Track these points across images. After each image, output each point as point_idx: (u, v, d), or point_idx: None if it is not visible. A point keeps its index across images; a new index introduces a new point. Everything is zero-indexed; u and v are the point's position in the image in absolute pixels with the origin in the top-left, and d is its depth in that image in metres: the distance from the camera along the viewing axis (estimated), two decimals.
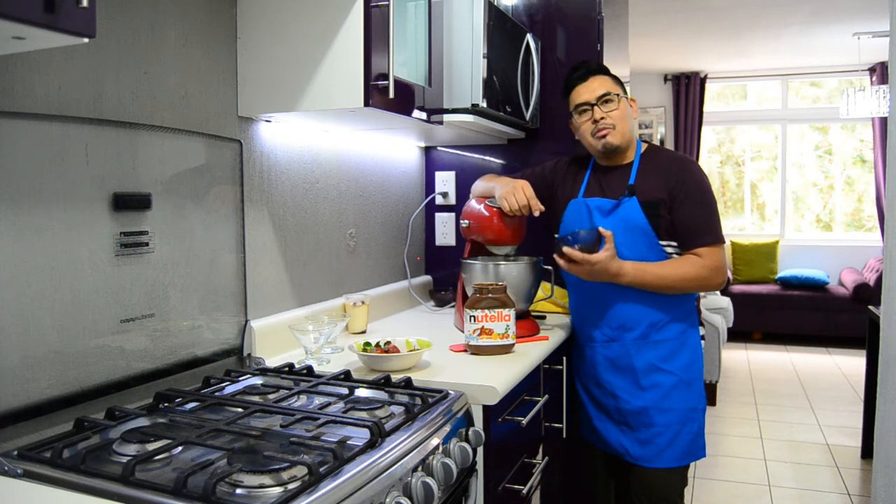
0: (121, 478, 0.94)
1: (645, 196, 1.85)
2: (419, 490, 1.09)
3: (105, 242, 1.26)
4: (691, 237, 1.83)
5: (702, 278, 1.82)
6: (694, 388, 1.90)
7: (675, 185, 1.84)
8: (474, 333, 1.71)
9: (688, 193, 1.83)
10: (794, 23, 5.04)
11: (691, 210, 1.83)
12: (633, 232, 1.84)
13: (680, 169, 1.87)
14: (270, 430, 1.13)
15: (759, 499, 3.05)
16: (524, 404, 1.68)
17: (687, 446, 1.88)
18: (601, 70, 1.95)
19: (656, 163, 1.90)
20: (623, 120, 1.89)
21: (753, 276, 6.58)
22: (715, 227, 1.85)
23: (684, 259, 1.84)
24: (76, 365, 1.21)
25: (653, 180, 1.86)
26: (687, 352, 1.90)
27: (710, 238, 1.83)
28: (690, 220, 1.83)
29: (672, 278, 1.81)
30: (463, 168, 2.62)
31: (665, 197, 1.84)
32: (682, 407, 1.88)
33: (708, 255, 1.82)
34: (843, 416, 4.13)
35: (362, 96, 1.53)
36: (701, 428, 1.91)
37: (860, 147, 6.93)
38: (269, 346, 1.70)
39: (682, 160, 1.93)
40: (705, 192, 1.86)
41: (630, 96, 1.98)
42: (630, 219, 1.84)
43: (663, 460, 1.87)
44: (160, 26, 1.43)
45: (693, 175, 1.86)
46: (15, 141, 1.11)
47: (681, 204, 1.83)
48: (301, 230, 1.92)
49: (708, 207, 1.85)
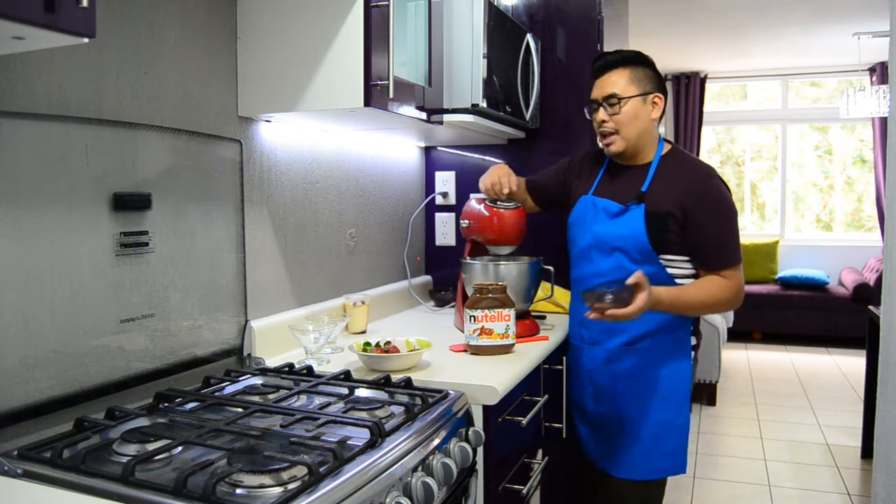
0: (121, 478, 0.94)
1: (654, 206, 1.73)
2: (419, 490, 1.09)
3: (105, 242, 1.26)
4: (715, 258, 1.74)
5: (728, 301, 1.74)
6: (671, 402, 1.79)
7: (694, 202, 1.71)
8: (474, 333, 1.71)
9: (710, 212, 1.71)
10: (794, 23, 5.04)
11: (714, 230, 1.72)
12: (631, 241, 1.75)
13: (699, 183, 1.73)
14: (270, 430, 1.13)
15: (759, 499, 3.05)
16: (524, 404, 1.68)
17: (658, 460, 1.79)
18: (624, 62, 1.79)
19: (675, 171, 1.77)
20: (629, 125, 1.76)
21: (753, 276, 6.57)
22: (737, 248, 1.75)
23: (712, 282, 1.73)
24: (76, 365, 1.21)
25: (667, 190, 1.74)
26: (671, 363, 1.80)
27: (735, 259, 1.74)
28: (713, 240, 1.72)
29: (704, 303, 1.73)
30: (463, 168, 2.62)
31: (677, 212, 1.72)
32: (656, 419, 1.79)
33: (732, 277, 1.74)
34: (843, 416, 4.13)
35: (362, 96, 1.53)
36: (678, 444, 1.80)
37: (860, 147, 6.92)
38: (269, 346, 1.70)
39: (703, 172, 1.77)
40: (727, 210, 1.74)
41: (655, 94, 1.79)
42: (633, 227, 1.75)
43: (632, 471, 1.80)
44: (160, 26, 1.43)
45: (714, 191, 1.73)
46: (15, 141, 1.11)
47: (701, 223, 1.71)
48: (301, 230, 1.92)
49: (730, 227, 1.74)
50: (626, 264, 1.75)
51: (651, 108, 1.78)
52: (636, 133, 1.78)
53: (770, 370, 5.30)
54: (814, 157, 7.06)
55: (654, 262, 1.75)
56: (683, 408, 1.82)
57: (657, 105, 1.79)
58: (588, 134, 2.46)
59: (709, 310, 1.76)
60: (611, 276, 1.77)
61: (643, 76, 1.78)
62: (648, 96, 1.78)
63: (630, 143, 1.79)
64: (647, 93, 1.77)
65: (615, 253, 1.77)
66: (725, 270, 1.73)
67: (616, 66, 1.79)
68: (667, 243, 1.73)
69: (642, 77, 1.78)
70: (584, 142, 2.45)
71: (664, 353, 1.80)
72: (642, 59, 1.80)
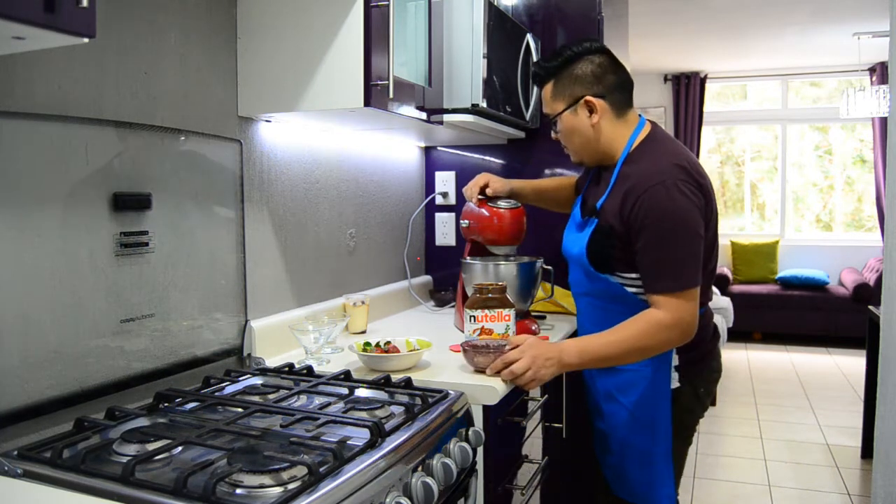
0: (121, 478, 0.94)
1: (603, 220, 1.56)
2: (419, 490, 1.09)
3: (105, 242, 1.26)
4: (650, 279, 1.51)
5: (654, 337, 1.49)
6: (650, 430, 1.62)
7: (630, 211, 1.50)
8: (474, 333, 1.71)
9: (646, 224, 1.48)
10: (794, 23, 5.04)
11: (647, 244, 1.49)
12: (579, 257, 1.63)
13: (640, 188, 1.49)
14: (270, 430, 1.13)
15: (759, 499, 3.05)
16: (524, 404, 1.68)
17: (639, 486, 1.66)
18: (546, 75, 1.65)
19: (631, 175, 1.54)
20: (569, 140, 1.65)
21: (753, 276, 6.58)
22: (681, 269, 1.48)
23: (633, 320, 1.52)
24: (76, 365, 1.21)
25: (614, 200, 1.55)
26: (648, 389, 1.61)
27: (669, 284, 1.48)
28: (647, 257, 1.50)
29: (624, 349, 1.50)
30: (463, 168, 2.62)
31: (618, 225, 1.52)
32: (632, 444, 1.64)
33: (665, 306, 1.48)
34: (843, 416, 4.13)
35: (362, 96, 1.53)
36: (660, 476, 1.62)
37: (860, 147, 6.93)
38: (269, 346, 1.70)
39: (648, 176, 1.50)
40: (670, 222, 1.47)
41: (585, 98, 1.59)
42: (581, 244, 1.62)
43: (619, 489, 1.72)
44: (160, 26, 1.43)
45: (656, 198, 1.47)
46: (15, 141, 1.11)
47: (637, 236, 1.50)
48: (301, 230, 1.92)
49: (671, 242, 1.47)
50: (583, 279, 1.67)
51: (586, 114, 1.60)
52: (578, 146, 1.65)
53: (770, 370, 5.30)
54: (814, 157, 7.06)
55: (603, 280, 1.60)
56: (664, 439, 1.62)
57: (594, 108, 1.59)
58: None
59: (636, 355, 1.53)
60: (578, 287, 1.72)
61: (568, 82, 1.60)
62: (577, 105, 1.60)
63: (581, 156, 1.69)
64: (574, 101, 1.60)
65: (577, 265, 1.69)
66: (660, 296, 1.49)
67: (541, 82, 1.67)
68: (613, 259, 1.56)
69: (567, 84, 1.61)
70: None
71: (640, 376, 1.62)
72: (569, 59, 1.60)
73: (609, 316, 1.60)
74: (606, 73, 1.60)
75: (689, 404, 1.67)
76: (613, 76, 1.61)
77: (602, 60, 1.61)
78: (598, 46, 1.63)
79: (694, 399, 1.68)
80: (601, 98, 1.59)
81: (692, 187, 1.50)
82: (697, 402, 1.70)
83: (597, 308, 1.68)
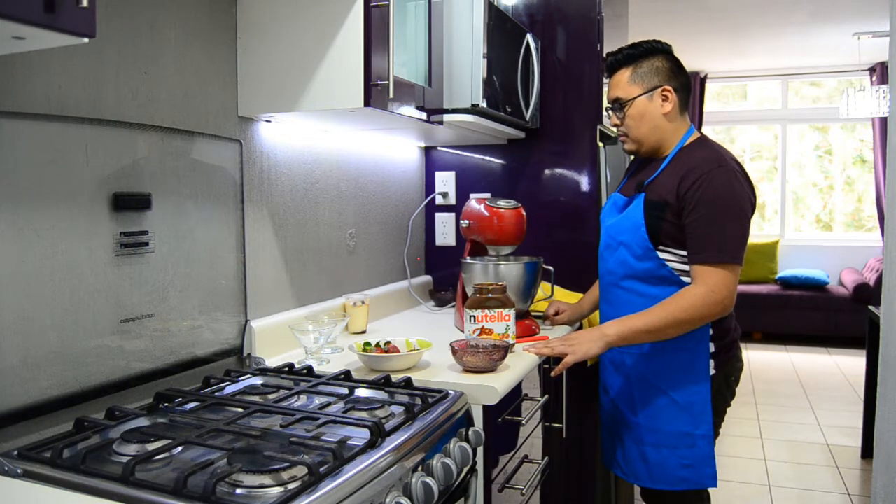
0: (121, 478, 0.94)
1: (653, 195, 1.69)
2: (419, 490, 1.09)
3: (105, 242, 1.26)
4: (696, 249, 1.63)
5: (696, 313, 1.60)
6: (689, 413, 1.71)
7: (688, 187, 1.63)
8: (474, 333, 1.71)
9: (701, 197, 1.61)
10: (794, 23, 5.04)
11: (700, 216, 1.61)
12: (631, 232, 1.72)
13: (700, 169, 1.63)
14: (270, 430, 1.13)
15: (759, 499, 3.05)
16: (524, 404, 1.68)
17: (681, 471, 1.72)
18: (626, 60, 1.75)
19: (685, 160, 1.69)
20: (636, 126, 1.75)
21: (753, 276, 6.57)
22: (726, 245, 1.60)
23: (672, 297, 1.63)
24: (76, 365, 1.21)
25: (669, 179, 1.68)
26: (688, 373, 1.71)
27: (718, 256, 1.59)
28: (697, 228, 1.62)
29: (662, 321, 1.60)
30: (463, 168, 2.62)
31: (672, 198, 1.65)
32: (672, 430, 1.72)
33: (709, 277, 1.59)
34: (843, 416, 4.13)
35: (362, 96, 1.53)
36: (703, 456, 1.71)
37: (860, 147, 6.93)
38: (269, 346, 1.70)
39: (709, 161, 1.65)
40: (724, 200, 1.61)
41: (663, 87, 1.72)
42: (633, 217, 1.71)
43: (654, 480, 1.76)
44: (160, 26, 1.43)
45: (713, 178, 1.61)
46: (15, 141, 1.10)
47: (690, 208, 1.62)
48: (301, 230, 1.92)
49: (722, 219, 1.61)
50: (629, 260, 1.74)
51: (660, 102, 1.73)
52: (645, 132, 1.75)
53: (770, 370, 5.30)
54: (814, 157, 7.06)
55: (653, 257, 1.70)
56: (705, 419, 1.71)
57: (668, 97, 1.72)
58: (588, 134, 2.46)
59: (674, 328, 1.62)
60: (617, 272, 1.79)
61: (648, 71, 1.73)
62: (655, 92, 1.73)
63: (642, 143, 1.77)
64: (652, 88, 1.73)
65: (620, 248, 1.77)
66: (704, 266, 1.60)
67: (617, 67, 1.77)
68: (662, 232, 1.67)
69: (646, 72, 1.73)
70: (584, 142, 2.46)
71: (679, 361, 1.71)
72: (648, 51, 1.74)
73: (647, 302, 1.69)
74: (680, 71, 1.77)
75: (721, 390, 1.77)
76: (684, 77, 1.78)
77: (676, 60, 1.78)
78: (669, 47, 1.79)
79: (725, 385, 1.79)
80: (675, 92, 1.74)
81: (747, 183, 1.69)
82: (727, 389, 1.80)
83: (634, 294, 1.75)
